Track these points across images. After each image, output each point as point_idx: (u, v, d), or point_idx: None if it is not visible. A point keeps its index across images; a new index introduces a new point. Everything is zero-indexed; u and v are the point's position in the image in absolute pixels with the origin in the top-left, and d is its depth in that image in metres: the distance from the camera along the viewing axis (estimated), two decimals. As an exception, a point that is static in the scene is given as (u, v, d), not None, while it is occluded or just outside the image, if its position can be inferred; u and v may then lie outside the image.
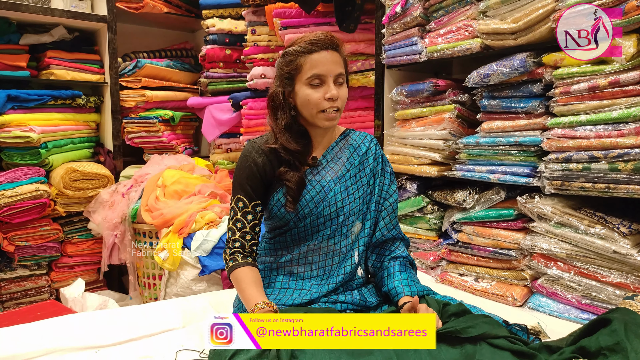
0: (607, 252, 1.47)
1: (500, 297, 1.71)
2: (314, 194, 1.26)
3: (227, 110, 3.06)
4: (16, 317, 1.90)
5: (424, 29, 2.01)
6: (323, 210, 1.26)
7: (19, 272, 2.75)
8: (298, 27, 2.48)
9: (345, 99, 1.25)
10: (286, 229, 1.29)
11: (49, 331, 1.40)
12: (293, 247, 1.29)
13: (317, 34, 1.23)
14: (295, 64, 1.22)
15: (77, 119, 2.96)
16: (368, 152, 1.35)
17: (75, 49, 2.98)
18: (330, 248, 1.28)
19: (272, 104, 1.28)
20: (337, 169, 1.30)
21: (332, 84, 1.21)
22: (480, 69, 1.77)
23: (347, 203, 1.28)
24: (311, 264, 1.28)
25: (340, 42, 1.25)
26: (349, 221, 1.28)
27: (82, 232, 2.94)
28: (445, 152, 1.96)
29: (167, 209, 2.46)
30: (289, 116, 1.26)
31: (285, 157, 1.25)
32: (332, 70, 1.21)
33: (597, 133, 1.47)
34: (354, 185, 1.30)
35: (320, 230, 1.27)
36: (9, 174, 2.62)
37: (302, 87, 1.22)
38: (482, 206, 1.83)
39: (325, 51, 1.21)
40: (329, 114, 1.22)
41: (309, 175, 1.28)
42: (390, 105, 2.23)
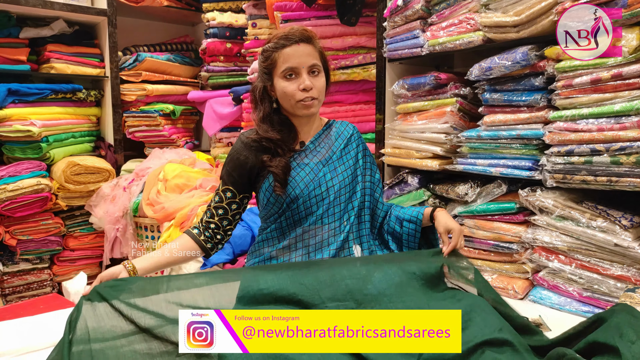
0: (608, 245, 1.47)
1: (501, 290, 1.72)
2: (304, 175, 1.32)
3: (227, 104, 3.05)
4: (19, 311, 1.90)
5: (426, 22, 2.01)
6: (314, 190, 1.32)
7: (21, 265, 2.76)
8: (299, 20, 2.47)
9: (321, 88, 1.31)
10: (280, 212, 1.32)
11: (52, 324, 1.41)
12: (289, 231, 1.33)
13: (289, 28, 1.30)
14: (271, 59, 1.30)
15: (77, 112, 2.95)
16: (351, 138, 1.43)
17: (76, 43, 2.97)
18: (325, 228, 1.32)
19: (252, 97, 1.37)
20: (324, 152, 1.38)
21: (305, 74, 1.27)
22: (482, 62, 1.77)
23: (337, 182, 1.35)
24: (308, 247, 1.31)
25: (313, 35, 1.31)
26: (341, 200, 1.34)
27: (83, 226, 2.95)
28: (446, 145, 1.96)
29: (169, 202, 2.46)
30: (268, 108, 1.35)
31: (267, 146, 1.32)
32: (304, 62, 1.27)
33: (599, 126, 1.47)
34: (341, 166, 1.37)
35: (313, 211, 1.32)
36: (11, 168, 2.62)
37: (279, 80, 1.29)
38: (483, 199, 1.83)
39: (297, 45, 1.27)
40: (306, 102, 1.28)
41: (297, 159, 1.35)
42: (391, 98, 2.22)
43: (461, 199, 1.88)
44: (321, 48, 1.33)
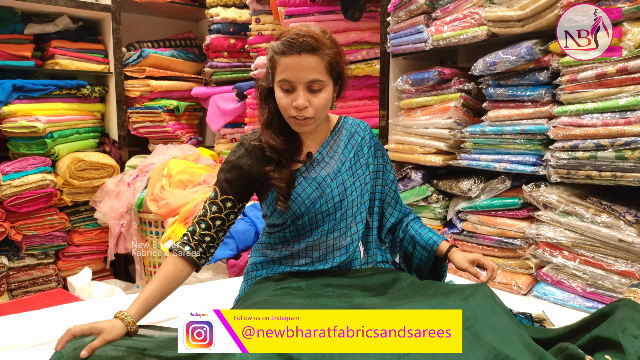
0: (612, 240, 1.47)
1: (505, 286, 1.72)
2: (310, 192, 1.20)
3: (231, 100, 3.06)
4: (25, 305, 1.92)
5: (430, 17, 2.00)
6: (320, 207, 1.21)
7: (27, 260, 2.78)
8: (302, 15, 2.47)
9: (320, 107, 1.14)
10: (284, 227, 1.24)
11: (57, 318, 1.42)
12: (293, 243, 1.25)
13: (294, 31, 1.11)
14: (272, 61, 1.14)
15: (82, 109, 2.96)
16: (362, 142, 1.30)
17: (80, 39, 2.98)
18: (329, 243, 1.23)
19: (257, 97, 1.24)
20: (332, 164, 1.24)
21: (301, 91, 1.11)
22: (487, 57, 1.76)
23: (345, 197, 1.23)
24: (312, 258, 1.24)
25: (321, 44, 1.10)
26: (348, 215, 1.24)
27: (88, 221, 2.97)
28: (450, 141, 1.96)
29: (173, 198, 2.47)
30: (273, 109, 1.20)
31: (271, 155, 1.19)
32: (302, 77, 1.10)
33: (604, 121, 1.46)
34: (350, 178, 1.25)
35: (319, 226, 1.22)
36: (16, 163, 2.64)
37: (277, 88, 1.15)
38: (487, 195, 1.83)
39: (297, 55, 1.09)
40: (298, 120, 1.14)
41: (304, 172, 1.22)
42: (395, 94, 2.22)
43: (465, 195, 1.88)
44: (334, 55, 1.13)
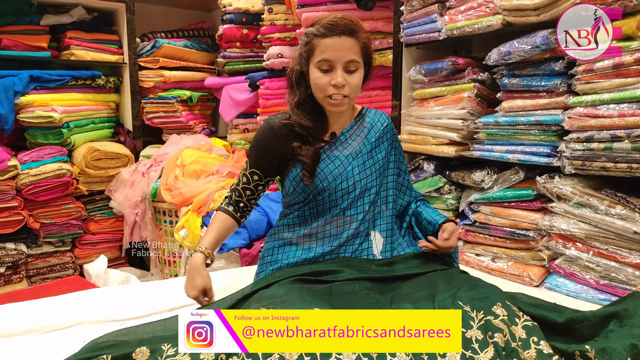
0: (627, 232, 1.45)
1: (517, 277, 1.71)
2: (332, 168, 1.30)
3: (244, 90, 3.06)
4: (43, 291, 1.96)
5: (444, 6, 1.97)
6: (341, 184, 1.30)
7: (45, 248, 2.84)
8: (315, 5, 2.45)
9: (355, 86, 1.26)
10: (305, 202, 1.33)
11: (75, 304, 1.46)
12: (311, 221, 1.33)
13: (336, 16, 1.23)
14: (310, 45, 1.25)
15: (97, 99, 3.00)
16: (384, 130, 1.39)
17: (95, 30, 3.01)
18: (346, 220, 1.31)
19: (288, 80, 1.34)
20: (355, 145, 1.34)
21: (339, 70, 1.22)
22: (501, 47, 1.74)
23: (364, 177, 1.32)
24: (329, 237, 1.32)
25: (359, 28, 1.24)
26: (365, 194, 1.32)
27: (104, 210, 3.02)
28: (463, 131, 1.94)
29: (186, 188, 2.50)
30: (304, 92, 1.31)
31: (300, 132, 1.30)
32: (342, 57, 1.22)
33: (620, 112, 1.44)
34: (370, 159, 1.34)
35: (338, 204, 1.31)
36: (33, 153, 2.68)
37: (313, 69, 1.26)
38: (500, 186, 1.81)
39: (338, 37, 1.21)
40: (335, 99, 1.25)
41: (327, 150, 1.32)
42: (408, 84, 2.21)
43: (477, 186, 1.87)
44: (367, 40, 1.27)
